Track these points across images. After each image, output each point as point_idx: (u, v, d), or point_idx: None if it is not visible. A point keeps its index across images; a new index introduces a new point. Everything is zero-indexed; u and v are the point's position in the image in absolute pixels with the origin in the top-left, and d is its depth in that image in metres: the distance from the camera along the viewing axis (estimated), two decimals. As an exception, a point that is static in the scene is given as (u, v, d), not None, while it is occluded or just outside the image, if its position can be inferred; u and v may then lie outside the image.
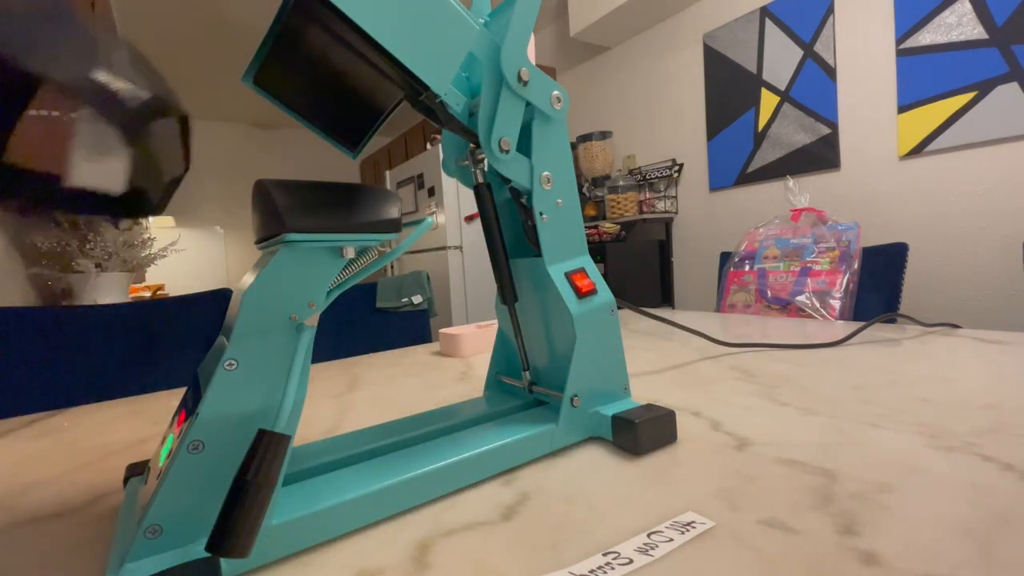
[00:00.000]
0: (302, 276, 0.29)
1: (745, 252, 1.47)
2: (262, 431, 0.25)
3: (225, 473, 0.27)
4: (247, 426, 0.28)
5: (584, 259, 0.43)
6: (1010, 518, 0.27)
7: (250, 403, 0.28)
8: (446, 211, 2.79)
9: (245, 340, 0.28)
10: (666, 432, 0.40)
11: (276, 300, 0.28)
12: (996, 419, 0.42)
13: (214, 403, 0.27)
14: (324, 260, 0.29)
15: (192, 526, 0.26)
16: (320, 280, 0.29)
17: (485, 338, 0.87)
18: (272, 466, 0.24)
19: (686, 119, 2.81)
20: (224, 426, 0.27)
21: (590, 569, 0.25)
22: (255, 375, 0.28)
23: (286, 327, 0.28)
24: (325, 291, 0.30)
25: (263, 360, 0.28)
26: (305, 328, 0.29)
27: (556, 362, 0.44)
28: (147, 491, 0.28)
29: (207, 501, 0.27)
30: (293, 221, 0.27)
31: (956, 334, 0.78)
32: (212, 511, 0.27)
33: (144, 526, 0.25)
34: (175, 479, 0.26)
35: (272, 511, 0.28)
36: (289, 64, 0.33)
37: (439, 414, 0.45)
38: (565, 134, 0.41)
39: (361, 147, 0.37)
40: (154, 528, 0.25)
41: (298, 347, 0.29)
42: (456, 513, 0.32)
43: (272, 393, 0.28)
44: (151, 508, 0.25)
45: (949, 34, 1.83)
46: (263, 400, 0.28)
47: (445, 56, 0.30)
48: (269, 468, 0.24)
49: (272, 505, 0.29)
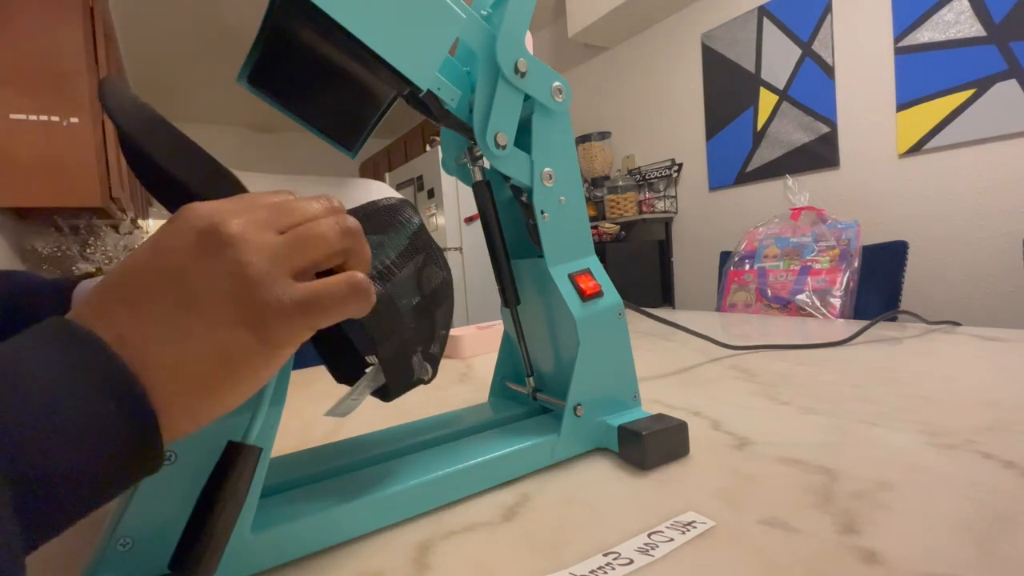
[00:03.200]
0: None
1: (745, 251, 1.47)
2: (231, 444, 0.23)
3: (198, 485, 0.25)
4: (221, 437, 0.26)
5: (590, 259, 0.41)
6: (1011, 515, 0.27)
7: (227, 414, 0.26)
8: (446, 212, 2.79)
9: None
10: (676, 445, 0.38)
11: None
12: (997, 416, 0.42)
13: None
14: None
15: (164, 539, 0.25)
16: None
17: (486, 339, 0.87)
18: (240, 482, 0.23)
19: (685, 119, 2.81)
20: (197, 436, 0.25)
21: (591, 569, 0.25)
22: None
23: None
24: None
25: None
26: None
27: (561, 368, 0.42)
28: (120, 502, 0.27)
29: (180, 513, 0.25)
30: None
31: (956, 332, 0.78)
32: (184, 524, 0.25)
33: (115, 538, 0.24)
34: (146, 490, 0.25)
35: (267, 520, 0.28)
36: (281, 63, 0.32)
37: (438, 422, 0.44)
38: (568, 128, 0.39)
39: (359, 146, 0.37)
40: (125, 540, 0.24)
41: None
42: (456, 514, 0.32)
43: (248, 403, 0.26)
44: (121, 520, 0.24)
45: (947, 32, 1.83)
46: (238, 410, 0.26)
47: (426, 48, 0.29)
48: (236, 484, 0.23)
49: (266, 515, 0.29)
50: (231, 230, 0.20)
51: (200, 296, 0.19)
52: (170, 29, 3.36)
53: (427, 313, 0.32)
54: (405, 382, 0.30)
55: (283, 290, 0.20)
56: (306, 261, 0.22)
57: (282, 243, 0.21)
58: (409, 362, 0.30)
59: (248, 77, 0.33)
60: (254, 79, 0.33)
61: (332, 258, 0.23)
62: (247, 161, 5.46)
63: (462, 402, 0.56)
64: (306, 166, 5.85)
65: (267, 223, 0.21)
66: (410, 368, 0.30)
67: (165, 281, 0.19)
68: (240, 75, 0.33)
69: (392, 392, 0.30)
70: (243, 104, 4.78)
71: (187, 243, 0.20)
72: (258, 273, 0.20)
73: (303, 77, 0.33)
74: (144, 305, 0.19)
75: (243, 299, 0.20)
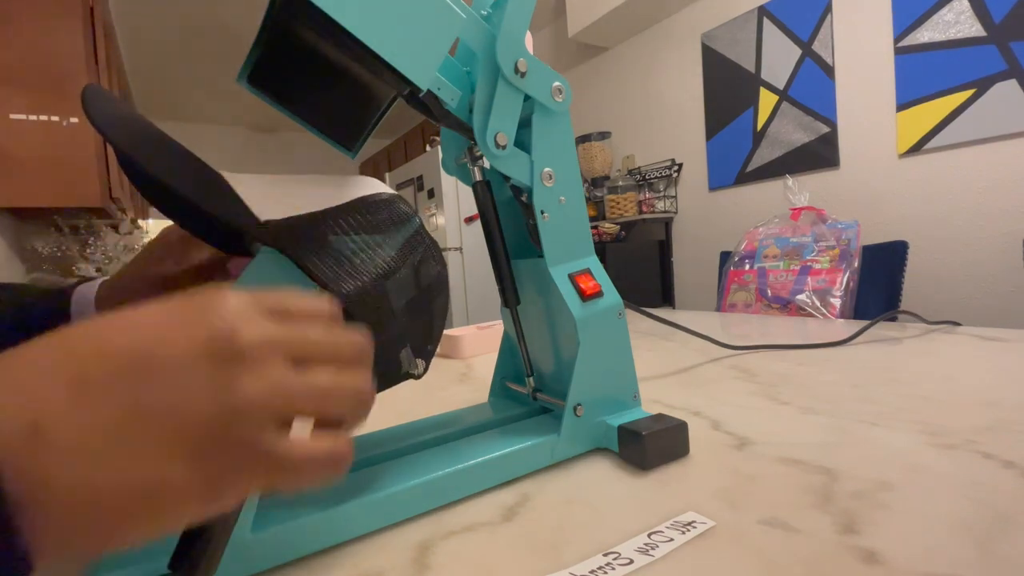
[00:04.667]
0: (283, 278, 0.28)
1: (745, 251, 1.46)
2: None
3: None
4: None
5: (590, 259, 0.41)
6: (1011, 515, 0.27)
7: None
8: (446, 212, 2.79)
9: None
10: (677, 445, 0.38)
11: None
12: (996, 416, 0.42)
13: None
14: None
15: (164, 539, 0.25)
16: (303, 284, 0.28)
17: (485, 339, 0.87)
18: None
19: (685, 119, 2.81)
20: None
21: (591, 569, 0.25)
22: None
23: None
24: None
25: None
26: None
27: (561, 368, 0.42)
28: None
29: None
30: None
31: (956, 332, 0.78)
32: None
33: None
34: None
35: (267, 520, 0.28)
36: (281, 63, 0.32)
37: (438, 422, 0.44)
38: (568, 128, 0.39)
39: (359, 145, 0.37)
40: None
41: None
42: (456, 514, 0.32)
43: None
44: None
45: (947, 32, 1.83)
46: None
47: (426, 48, 0.29)
48: None
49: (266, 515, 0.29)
50: (250, 341, 0.17)
51: (167, 411, 0.16)
52: (170, 29, 3.36)
53: (421, 309, 0.32)
54: (391, 377, 0.30)
55: (270, 439, 0.17)
56: (307, 413, 0.18)
57: (298, 386, 0.18)
58: (396, 356, 0.30)
59: (248, 77, 0.33)
60: (254, 79, 0.33)
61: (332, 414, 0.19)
62: (247, 161, 5.46)
63: (462, 402, 0.56)
64: (306, 166, 5.85)
65: (290, 350, 0.18)
66: (397, 362, 0.30)
67: (136, 376, 0.16)
68: (240, 75, 0.33)
69: (379, 385, 0.29)
70: (243, 104, 4.78)
71: (193, 342, 0.16)
72: (251, 408, 0.16)
73: (303, 77, 0.33)
74: (93, 399, 0.15)
75: (215, 431, 0.16)
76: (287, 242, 0.26)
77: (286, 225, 0.27)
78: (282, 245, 0.27)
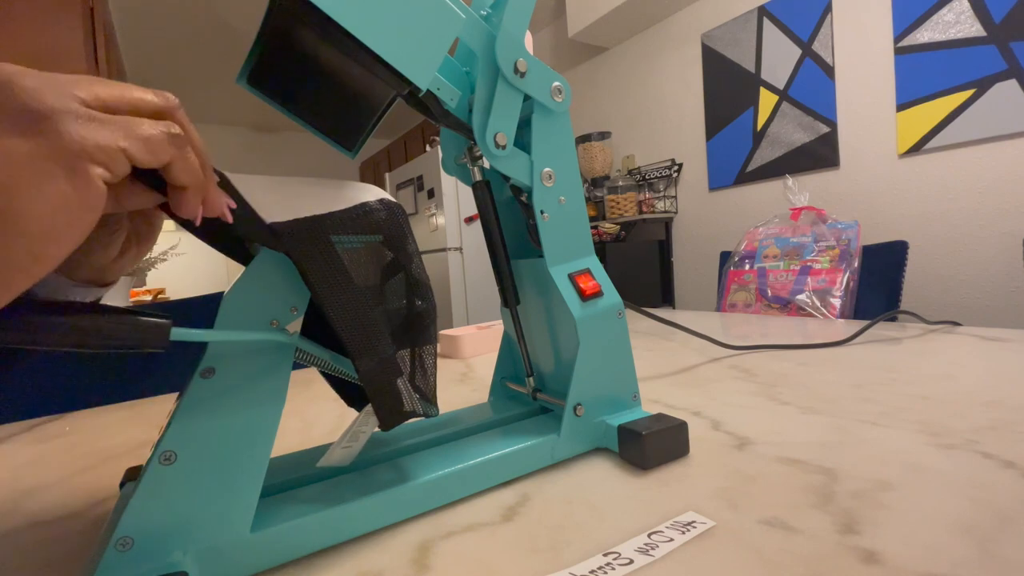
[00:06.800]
0: (283, 279, 0.27)
1: (745, 251, 1.47)
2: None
3: (198, 485, 0.25)
4: (223, 437, 0.26)
5: (590, 259, 0.41)
6: (1011, 516, 0.27)
7: (227, 414, 0.26)
8: (446, 212, 2.79)
9: (223, 347, 0.26)
10: (677, 445, 0.38)
11: (256, 304, 0.27)
12: (997, 416, 0.42)
13: (188, 413, 0.25)
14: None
15: (164, 538, 0.25)
16: (303, 284, 0.28)
17: (485, 339, 0.87)
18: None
19: (685, 119, 2.81)
20: (198, 437, 0.25)
21: (591, 569, 0.25)
22: (233, 383, 0.26)
23: (267, 333, 0.27)
24: (308, 295, 0.28)
25: (241, 368, 0.26)
26: (287, 334, 0.28)
27: (561, 368, 0.42)
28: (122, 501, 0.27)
29: (180, 513, 0.25)
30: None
31: (956, 332, 0.78)
32: (185, 523, 0.25)
33: (114, 538, 0.24)
34: (146, 491, 0.25)
35: (267, 520, 0.28)
36: (281, 63, 0.32)
37: (438, 422, 0.44)
38: (568, 128, 0.39)
39: (359, 146, 0.37)
40: (124, 540, 0.24)
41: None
42: (456, 514, 0.32)
43: (251, 404, 0.26)
44: (122, 520, 0.24)
45: (947, 32, 1.83)
46: (241, 411, 0.26)
47: (426, 48, 0.29)
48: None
49: (266, 515, 0.29)
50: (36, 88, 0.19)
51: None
52: (170, 29, 3.36)
53: (408, 337, 0.32)
54: (395, 407, 0.29)
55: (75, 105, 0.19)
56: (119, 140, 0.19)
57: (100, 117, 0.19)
58: (394, 384, 0.29)
59: (248, 77, 0.33)
60: (254, 79, 0.33)
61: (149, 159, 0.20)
62: (247, 161, 5.46)
63: (462, 402, 0.56)
64: (306, 166, 5.85)
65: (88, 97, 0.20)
66: (396, 390, 0.30)
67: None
68: (240, 75, 0.33)
69: (383, 418, 0.29)
70: (243, 104, 4.78)
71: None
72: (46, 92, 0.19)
73: (303, 77, 0.33)
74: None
75: (28, 106, 0.18)
76: (290, 244, 0.26)
77: (288, 226, 0.27)
78: (285, 247, 0.26)
